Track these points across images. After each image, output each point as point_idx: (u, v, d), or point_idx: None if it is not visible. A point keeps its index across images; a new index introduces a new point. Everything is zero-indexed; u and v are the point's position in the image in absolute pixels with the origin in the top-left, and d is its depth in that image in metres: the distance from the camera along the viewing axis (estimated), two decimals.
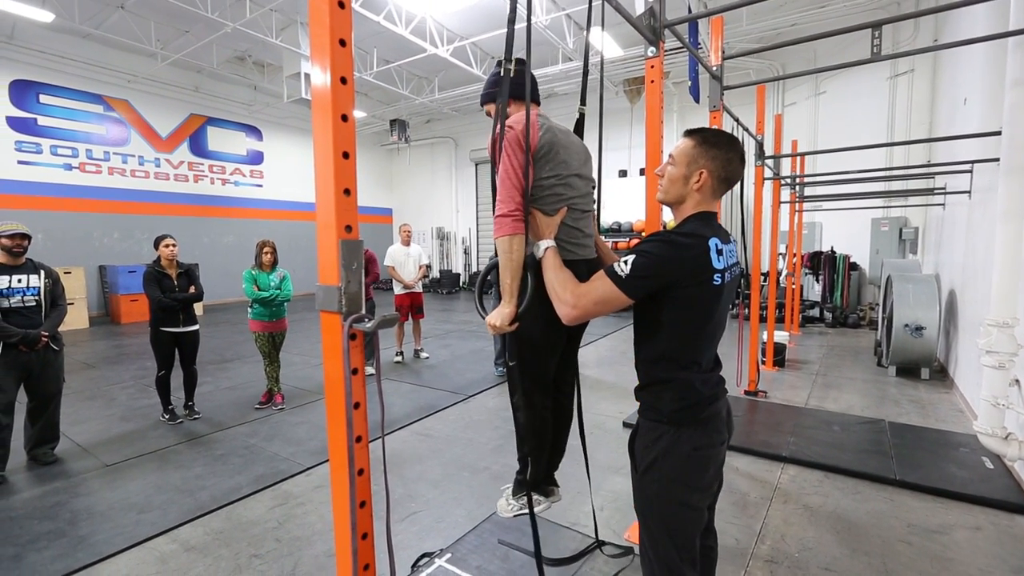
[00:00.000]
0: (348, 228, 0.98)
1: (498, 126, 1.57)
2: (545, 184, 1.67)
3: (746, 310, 5.11)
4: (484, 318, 1.64)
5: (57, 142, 9.93)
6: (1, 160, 9.27)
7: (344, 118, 0.96)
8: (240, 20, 8.56)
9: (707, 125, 3.50)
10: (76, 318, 9.03)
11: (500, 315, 1.55)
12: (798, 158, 7.59)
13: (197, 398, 4.57)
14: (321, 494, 3.10)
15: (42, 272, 3.56)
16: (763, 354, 5.85)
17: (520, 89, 1.71)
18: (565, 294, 1.42)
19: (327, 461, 3.57)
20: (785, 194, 7.52)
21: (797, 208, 7.74)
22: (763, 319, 6.51)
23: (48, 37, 9.43)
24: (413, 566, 2.36)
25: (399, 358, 6.51)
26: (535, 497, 1.93)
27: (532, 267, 1.60)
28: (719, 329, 1.45)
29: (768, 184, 5.86)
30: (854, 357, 6.52)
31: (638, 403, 1.48)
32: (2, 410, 3.29)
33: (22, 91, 9.47)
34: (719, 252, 1.34)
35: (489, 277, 1.83)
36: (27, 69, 9.47)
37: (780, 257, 9.28)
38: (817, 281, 9.28)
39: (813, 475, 3.24)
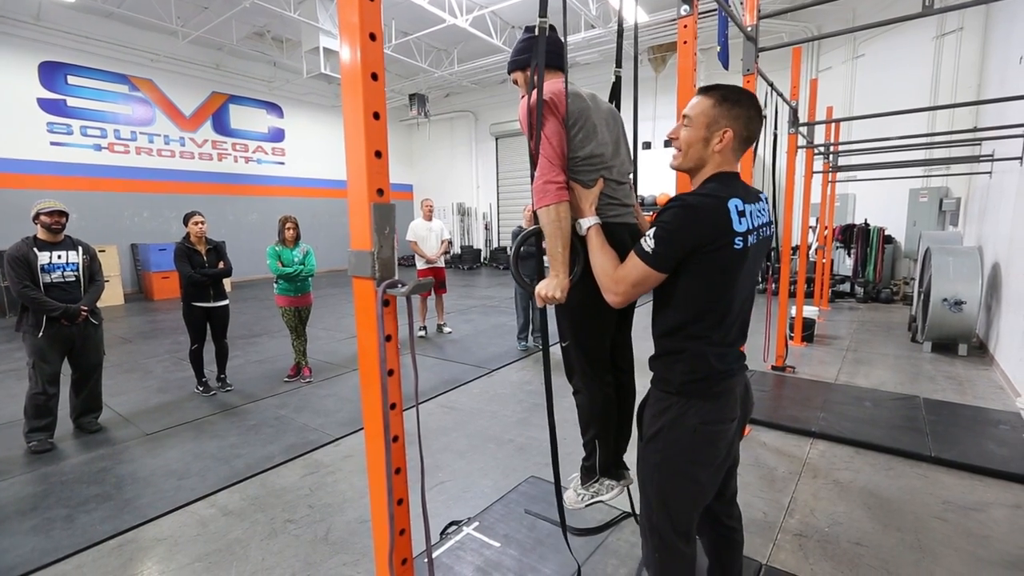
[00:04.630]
0: (380, 191, 0.95)
1: (533, 92, 1.51)
2: (580, 155, 1.61)
3: (774, 284, 4.98)
4: (530, 289, 1.58)
5: (86, 123, 10.12)
6: (35, 142, 9.51)
7: (374, 76, 0.93)
8: None
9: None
10: (111, 295, 9.35)
11: (550, 286, 1.51)
12: (832, 126, 7.25)
13: (229, 371, 4.71)
14: (350, 463, 3.18)
15: (80, 248, 3.66)
16: (791, 329, 5.72)
17: (551, 57, 1.64)
18: (606, 280, 1.39)
19: (356, 432, 3.67)
20: (818, 164, 7.23)
21: (830, 179, 7.44)
22: (792, 294, 6.35)
23: (73, 17, 9.51)
24: (442, 533, 2.41)
25: (422, 333, 6.58)
26: (608, 482, 1.89)
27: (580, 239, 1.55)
28: (742, 300, 1.38)
29: (801, 153, 5.63)
30: (887, 333, 6.33)
31: (651, 372, 1.45)
32: (48, 381, 3.45)
33: (51, 72, 9.62)
34: (741, 213, 1.27)
35: (523, 248, 1.78)
36: (55, 50, 9.60)
37: (811, 230, 8.99)
38: (848, 255, 8.98)
39: (843, 451, 3.18)
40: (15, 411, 3.48)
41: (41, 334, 3.39)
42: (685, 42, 2.27)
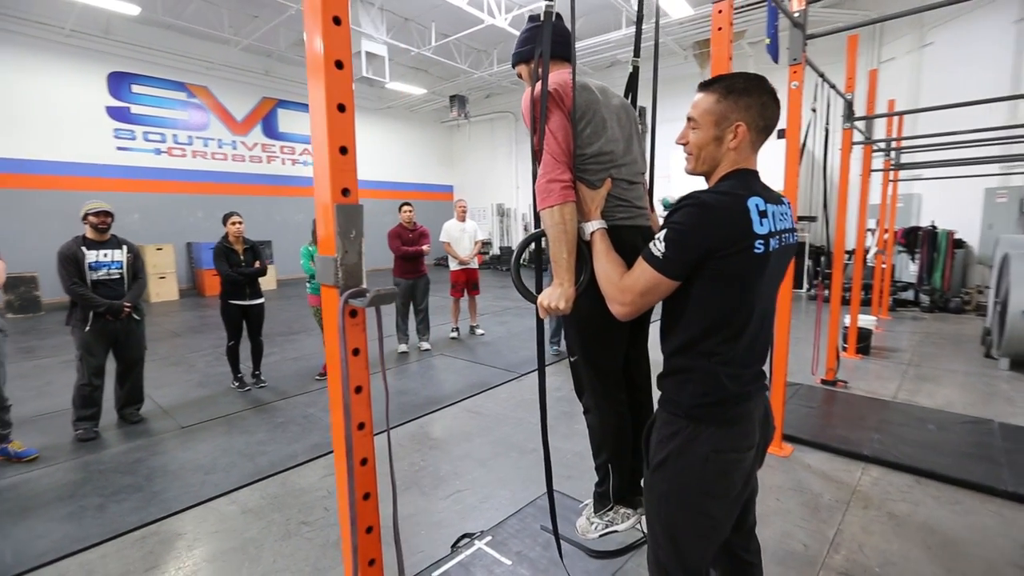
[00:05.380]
0: (345, 191, 0.87)
1: (537, 84, 1.41)
2: (587, 152, 1.48)
3: (826, 291, 4.63)
4: (533, 300, 1.47)
5: (148, 128, 10.76)
6: (103, 147, 10.19)
7: (339, 65, 0.84)
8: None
9: (779, 79, 3.09)
10: (167, 291, 9.89)
11: (554, 295, 1.39)
12: (895, 120, 6.70)
13: (264, 367, 4.82)
14: None
15: (125, 247, 3.82)
16: (844, 339, 5.30)
17: (557, 47, 1.52)
18: (611, 289, 1.27)
19: (378, 433, 3.65)
20: (878, 161, 6.69)
21: (892, 177, 6.88)
22: (846, 301, 5.90)
23: (137, 30, 10.12)
24: (453, 546, 2.33)
25: (455, 334, 6.55)
26: (623, 511, 1.75)
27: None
28: (761, 315, 1.22)
29: (857, 150, 5.20)
30: (955, 346, 5.76)
31: (659, 392, 1.32)
32: (93, 373, 3.61)
33: (118, 82, 10.29)
34: (762, 214, 1.13)
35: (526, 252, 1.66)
36: (121, 61, 10.25)
37: (869, 233, 8.35)
38: (913, 260, 8.29)
39: (901, 479, 2.87)
40: (67, 400, 3.67)
41: (88, 328, 3.56)
42: (720, 29, 2.09)
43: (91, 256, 3.63)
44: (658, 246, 1.15)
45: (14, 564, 2.26)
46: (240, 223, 4.50)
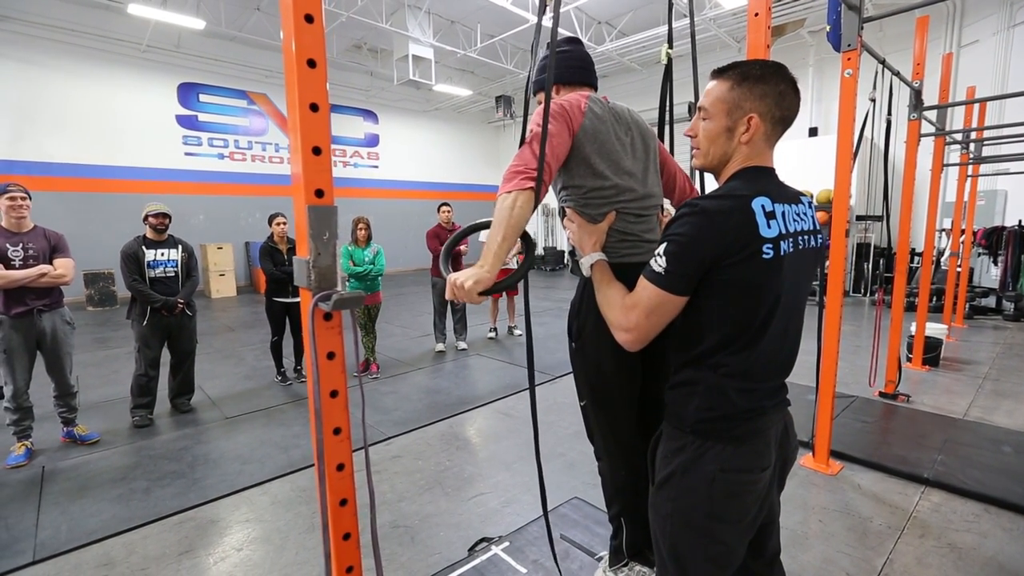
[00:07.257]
0: (319, 192, 0.85)
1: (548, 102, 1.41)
2: (588, 185, 1.43)
3: (888, 296, 4.27)
4: (443, 279, 1.41)
5: (212, 135, 11.48)
6: (173, 153, 10.97)
7: (311, 63, 0.83)
8: (353, 8, 9.03)
9: (840, 69, 2.86)
10: (226, 287, 10.50)
11: (467, 274, 1.20)
12: (975, 109, 6.09)
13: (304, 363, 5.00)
14: (397, 464, 3.19)
15: (180, 246, 4.06)
16: (909, 349, 4.87)
17: (572, 73, 1.56)
18: (614, 313, 1.19)
19: (408, 431, 3.69)
20: (953, 155, 6.12)
21: (970, 172, 6.26)
22: (912, 307, 5.43)
23: (203, 43, 10.81)
24: (470, 549, 2.31)
25: (492, 334, 6.56)
26: (638, 568, 1.66)
27: (580, 284, 1.44)
28: (781, 325, 1.11)
29: (927, 143, 4.76)
30: None
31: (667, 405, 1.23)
32: (149, 364, 3.87)
33: (187, 92, 11.04)
34: (770, 215, 1.03)
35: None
36: (190, 73, 11.00)
37: (943, 234, 7.66)
38: (995, 263, 7.53)
39: (966, 506, 2.58)
40: (126, 389, 3.96)
41: (145, 323, 3.80)
42: (757, 14, 1.94)
43: (150, 255, 3.88)
44: (659, 261, 1.07)
45: (67, 540, 2.44)
46: (284, 223, 4.69)
